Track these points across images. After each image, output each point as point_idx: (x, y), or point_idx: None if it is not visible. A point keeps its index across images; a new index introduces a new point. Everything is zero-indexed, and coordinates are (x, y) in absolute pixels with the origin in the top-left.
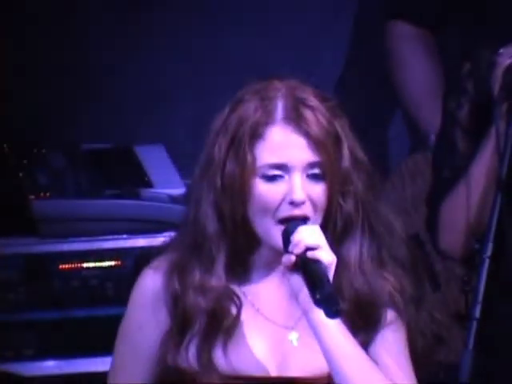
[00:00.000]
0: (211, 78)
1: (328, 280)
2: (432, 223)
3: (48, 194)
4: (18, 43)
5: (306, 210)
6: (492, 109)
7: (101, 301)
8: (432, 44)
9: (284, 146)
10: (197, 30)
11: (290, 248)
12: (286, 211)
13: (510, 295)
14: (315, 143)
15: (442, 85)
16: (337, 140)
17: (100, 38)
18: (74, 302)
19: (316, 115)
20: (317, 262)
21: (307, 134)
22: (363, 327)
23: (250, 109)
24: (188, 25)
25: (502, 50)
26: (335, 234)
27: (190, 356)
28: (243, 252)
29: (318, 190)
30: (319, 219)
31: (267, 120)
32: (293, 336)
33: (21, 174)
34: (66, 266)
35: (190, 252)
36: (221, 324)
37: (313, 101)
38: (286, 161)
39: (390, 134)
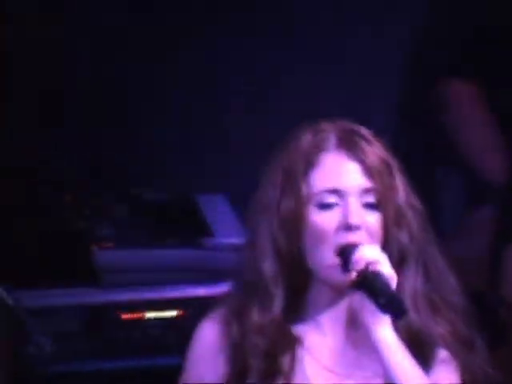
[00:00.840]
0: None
1: (390, 286)
2: (497, 274)
3: (111, 244)
4: None
5: (362, 238)
6: None
7: (163, 351)
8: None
9: (338, 172)
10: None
11: (351, 266)
12: (342, 238)
13: None
14: (370, 169)
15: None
16: (391, 172)
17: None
18: (136, 352)
19: (370, 144)
20: (378, 274)
21: (361, 161)
22: (415, 360)
23: (302, 143)
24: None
25: None
26: (391, 265)
27: None
28: (300, 290)
29: (373, 219)
30: None
31: (320, 148)
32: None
33: (83, 225)
34: (128, 315)
35: (248, 294)
36: (279, 367)
37: (366, 133)
38: (340, 186)
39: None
